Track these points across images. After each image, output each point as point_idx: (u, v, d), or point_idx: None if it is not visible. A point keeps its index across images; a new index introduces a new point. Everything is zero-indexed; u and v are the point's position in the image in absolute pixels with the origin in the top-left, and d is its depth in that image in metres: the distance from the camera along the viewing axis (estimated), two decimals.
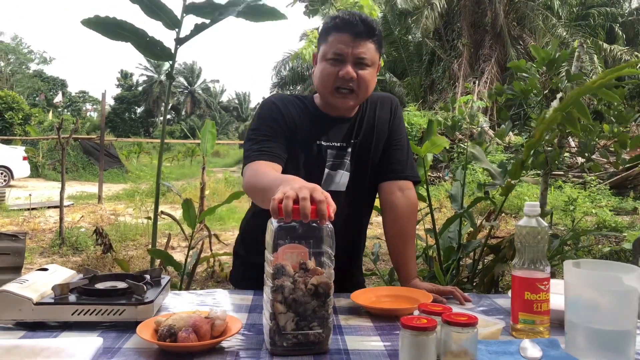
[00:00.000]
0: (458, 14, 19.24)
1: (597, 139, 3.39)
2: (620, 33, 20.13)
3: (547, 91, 3.88)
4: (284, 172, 1.41)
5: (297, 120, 1.53)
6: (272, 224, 1.05)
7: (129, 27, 2.65)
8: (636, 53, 17.22)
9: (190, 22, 2.83)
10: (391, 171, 1.59)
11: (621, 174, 9.78)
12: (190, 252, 2.74)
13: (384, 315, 1.27)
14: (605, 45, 17.99)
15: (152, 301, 1.15)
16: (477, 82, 16.12)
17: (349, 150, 1.57)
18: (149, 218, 3.00)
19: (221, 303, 1.37)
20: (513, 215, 8.55)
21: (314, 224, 1.03)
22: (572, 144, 6.43)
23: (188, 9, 2.73)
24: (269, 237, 1.07)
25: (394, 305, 1.31)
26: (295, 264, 1.07)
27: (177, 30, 2.73)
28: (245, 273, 1.66)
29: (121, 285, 1.21)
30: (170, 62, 2.77)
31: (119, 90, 48.53)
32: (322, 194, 1.02)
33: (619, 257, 5.66)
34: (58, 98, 38.05)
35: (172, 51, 2.76)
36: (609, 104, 3.41)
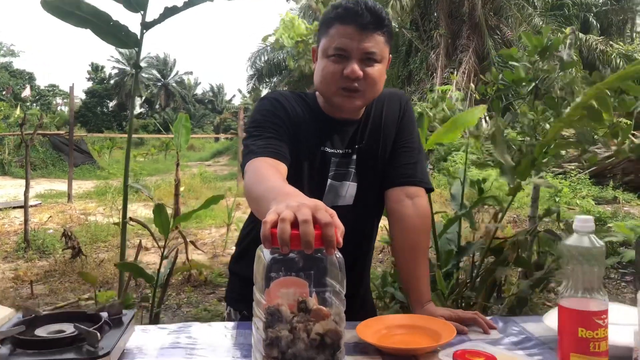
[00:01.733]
0: (435, 4, 19.09)
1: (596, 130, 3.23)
2: (595, 23, 20.27)
3: (537, 81, 3.71)
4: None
5: (303, 122, 1.31)
6: (264, 255, 0.81)
7: (90, 8, 2.38)
8: (611, 43, 17.33)
9: (157, 5, 2.56)
10: (398, 175, 1.36)
11: (601, 162, 9.76)
12: (164, 261, 2.48)
13: (399, 355, 1.04)
14: (580, 35, 18.06)
15: (108, 353, 0.89)
16: (455, 72, 16.00)
17: (354, 157, 1.35)
18: (117, 224, 2.72)
19: (199, 342, 1.11)
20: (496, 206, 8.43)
21: (319, 254, 0.79)
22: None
23: None
24: (258, 272, 0.83)
25: (410, 342, 1.08)
26: (293, 302, 0.83)
27: (142, 12, 2.48)
28: (243, 292, 1.43)
29: (69, 330, 0.95)
30: (137, 49, 2.51)
31: (90, 84, 47.32)
32: (327, 212, 0.79)
33: (607, 250, 5.57)
34: (26, 92, 36.86)
35: (138, 37, 2.49)
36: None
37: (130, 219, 2.51)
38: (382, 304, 3.12)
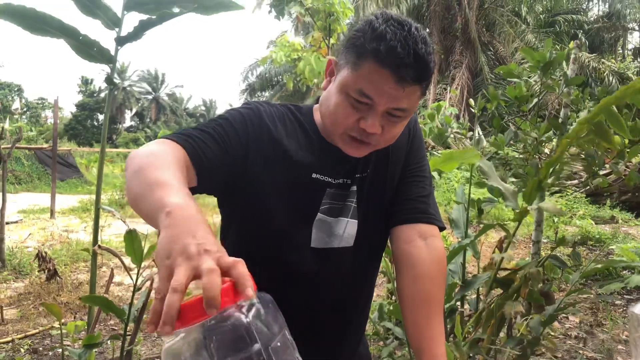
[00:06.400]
0: (427, 19, 19.10)
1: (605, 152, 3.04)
2: (584, 40, 20.39)
3: (540, 98, 3.53)
4: (256, 221, 1.05)
5: (292, 140, 1.07)
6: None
7: (55, 23, 2.18)
8: (603, 60, 17.36)
9: (135, 21, 2.38)
10: (409, 210, 1.12)
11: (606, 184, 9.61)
12: (137, 293, 2.22)
13: None
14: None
15: None
16: (447, 88, 15.94)
17: (354, 188, 1.10)
18: (86, 250, 2.47)
19: None
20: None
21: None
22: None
23: (129, 6, 2.31)
24: None
25: None
26: None
27: (117, 30, 2.31)
28: None
29: None
30: (110, 65, 2.31)
31: (80, 97, 47.02)
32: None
33: (610, 273, 5.37)
34: (16, 105, 36.59)
35: (112, 53, 2.31)
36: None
37: (99, 246, 2.27)
38: (377, 339, 2.88)
